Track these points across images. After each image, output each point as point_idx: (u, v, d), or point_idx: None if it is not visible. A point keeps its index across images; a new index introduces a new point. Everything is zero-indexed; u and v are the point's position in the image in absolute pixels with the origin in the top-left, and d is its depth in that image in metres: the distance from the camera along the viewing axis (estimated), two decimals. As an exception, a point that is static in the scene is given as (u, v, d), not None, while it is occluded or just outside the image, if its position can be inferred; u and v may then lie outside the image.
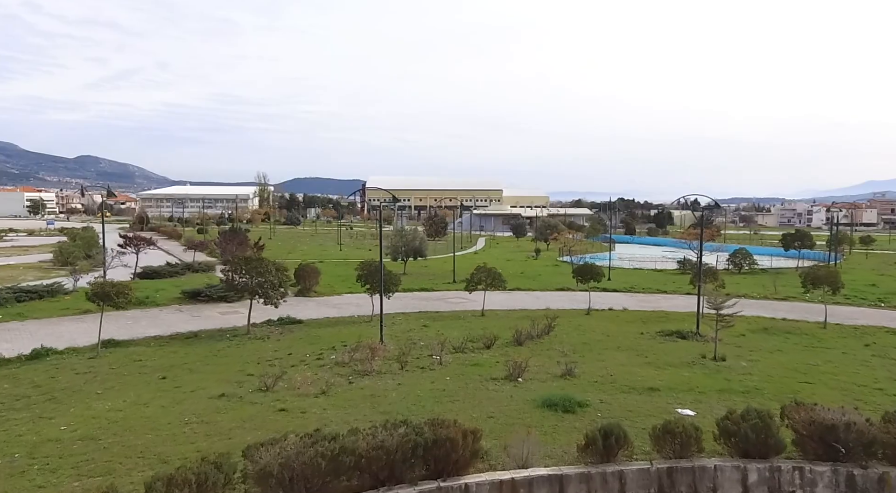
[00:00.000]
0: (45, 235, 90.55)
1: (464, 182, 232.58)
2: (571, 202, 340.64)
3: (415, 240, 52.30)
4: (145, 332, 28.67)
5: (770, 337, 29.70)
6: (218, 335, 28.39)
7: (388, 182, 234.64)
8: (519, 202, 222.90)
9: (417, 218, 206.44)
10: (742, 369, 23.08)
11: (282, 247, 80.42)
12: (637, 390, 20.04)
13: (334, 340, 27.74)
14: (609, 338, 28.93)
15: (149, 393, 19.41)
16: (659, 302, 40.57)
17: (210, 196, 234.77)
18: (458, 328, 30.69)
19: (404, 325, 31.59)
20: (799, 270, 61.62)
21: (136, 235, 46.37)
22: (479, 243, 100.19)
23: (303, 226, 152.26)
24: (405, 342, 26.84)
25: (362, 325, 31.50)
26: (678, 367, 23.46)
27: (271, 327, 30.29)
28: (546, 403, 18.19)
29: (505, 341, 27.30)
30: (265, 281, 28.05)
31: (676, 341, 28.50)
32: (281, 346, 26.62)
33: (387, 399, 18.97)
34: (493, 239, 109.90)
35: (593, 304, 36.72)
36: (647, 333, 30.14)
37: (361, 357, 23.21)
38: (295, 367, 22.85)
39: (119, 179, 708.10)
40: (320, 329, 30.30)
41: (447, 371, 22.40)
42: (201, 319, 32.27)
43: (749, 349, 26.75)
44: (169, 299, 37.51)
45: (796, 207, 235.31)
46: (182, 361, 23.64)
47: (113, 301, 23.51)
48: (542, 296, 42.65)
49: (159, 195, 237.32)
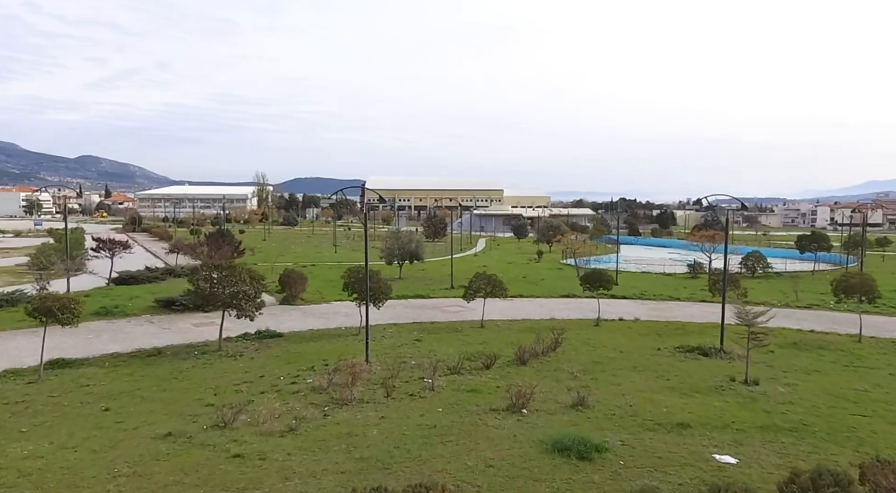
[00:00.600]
0: (32, 237, 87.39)
1: (464, 182, 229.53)
2: (572, 202, 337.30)
3: (410, 243, 49.15)
4: (104, 348, 25.53)
5: (802, 353, 26.52)
6: (185, 352, 25.24)
7: (388, 182, 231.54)
8: (520, 202, 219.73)
9: (417, 218, 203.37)
10: (780, 397, 19.90)
11: (274, 249, 77.23)
12: (664, 427, 16.87)
13: (315, 358, 24.60)
14: (623, 355, 25.76)
15: (83, 431, 16.25)
16: (673, 311, 37.39)
17: (208, 196, 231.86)
18: (454, 343, 27.56)
19: (395, 339, 28.44)
20: (815, 273, 58.61)
21: (111, 239, 43.23)
22: (479, 245, 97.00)
23: (300, 226, 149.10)
24: (394, 362, 23.70)
25: (349, 339, 28.36)
26: (706, 393, 20.28)
27: (247, 342, 27.16)
28: (556, 446, 15.02)
29: (506, 360, 24.15)
30: (238, 292, 24.91)
31: (699, 358, 25.32)
32: (254, 365, 23.47)
33: (366, 439, 15.81)
34: (493, 240, 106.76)
35: (602, 313, 33.55)
36: (664, 349, 26.97)
37: (341, 382, 20.09)
38: (264, 393, 19.70)
39: (120, 179, 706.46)
40: (301, 344, 27.14)
41: (440, 400, 19.25)
42: (171, 332, 29.12)
43: (782, 370, 23.57)
44: (141, 308, 34.35)
45: (800, 207, 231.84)
46: (135, 386, 20.48)
47: (56, 317, 20.37)
48: (546, 304, 39.47)
49: (157, 195, 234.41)
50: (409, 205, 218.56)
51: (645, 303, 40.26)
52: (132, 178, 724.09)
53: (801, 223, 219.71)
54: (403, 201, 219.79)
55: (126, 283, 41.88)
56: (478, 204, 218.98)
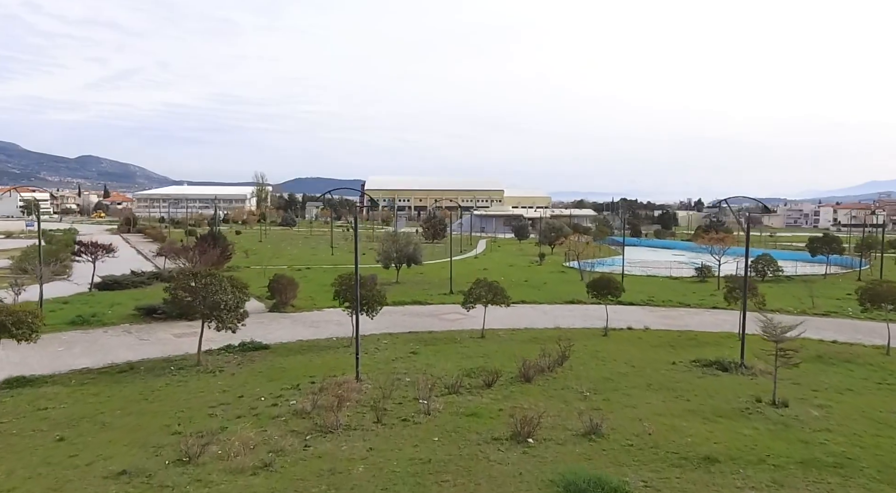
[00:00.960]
0: (24, 238, 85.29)
1: (465, 182, 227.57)
2: (573, 203, 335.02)
3: (408, 245, 47.11)
4: (73, 363, 23.49)
5: (829, 369, 24.46)
6: (160, 368, 23.19)
7: (388, 182, 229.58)
8: (520, 203, 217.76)
9: (417, 219, 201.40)
10: (815, 423, 17.86)
11: (269, 250, 75.26)
12: (690, 462, 14.80)
13: (301, 373, 22.56)
14: (635, 370, 23.71)
15: (27, 469, 14.19)
16: (683, 318, 35.33)
17: (207, 196, 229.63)
18: (452, 356, 25.53)
19: (389, 351, 26.39)
20: (827, 276, 56.55)
21: (94, 243, 41.16)
22: (479, 246, 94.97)
23: (298, 227, 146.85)
24: (387, 379, 21.66)
25: (340, 351, 26.31)
26: (732, 417, 18.23)
27: (229, 356, 25.12)
28: (569, 488, 12.98)
29: (509, 376, 22.10)
30: (219, 302, 22.87)
31: (718, 374, 23.26)
32: (234, 383, 21.41)
33: (350, 479, 13.76)
34: (494, 241, 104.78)
35: (610, 321, 31.47)
36: (679, 363, 24.91)
37: (327, 404, 18.08)
38: (241, 418, 17.66)
39: (120, 179, 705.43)
40: (288, 358, 25.10)
41: (436, 426, 17.21)
42: (149, 344, 27.07)
43: (811, 388, 21.52)
44: (121, 316, 32.30)
45: (802, 207, 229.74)
46: (99, 409, 18.44)
47: (9, 332, 18.34)
48: (550, 311, 37.41)
49: (155, 195, 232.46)
50: (409, 205, 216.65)
51: (654, 310, 38.20)
52: (133, 178, 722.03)
53: (804, 224, 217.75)
54: (403, 202, 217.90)
55: (109, 288, 39.87)
56: (478, 204, 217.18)
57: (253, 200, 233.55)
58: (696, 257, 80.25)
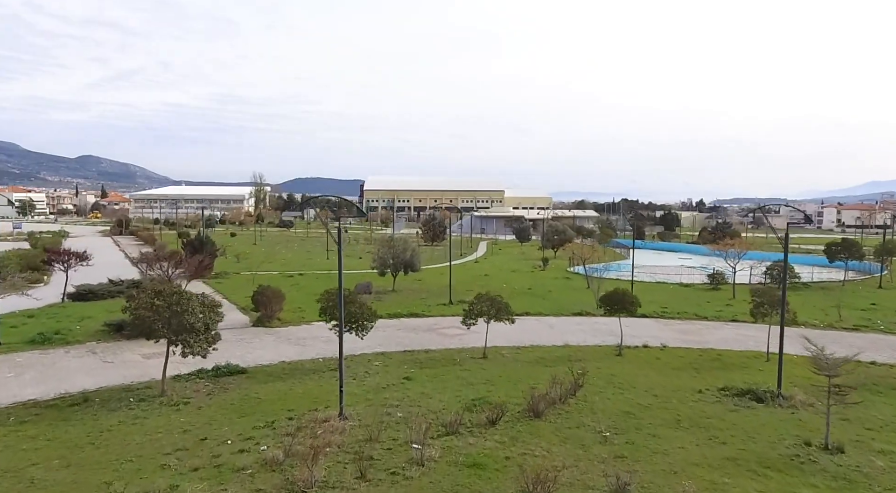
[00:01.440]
0: (11, 241, 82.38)
1: (465, 183, 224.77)
2: (574, 203, 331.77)
3: (405, 251, 44.22)
4: (20, 393, 20.60)
5: (877, 398, 21.55)
6: (118, 398, 20.31)
7: (387, 183, 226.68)
8: (521, 203, 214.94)
9: (417, 220, 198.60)
10: (884, 477, 14.97)
11: (263, 254, 72.42)
12: (745, 541, 11.95)
13: (279, 406, 19.69)
14: (659, 401, 20.81)
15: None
16: (703, 334, 32.43)
17: (205, 197, 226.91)
18: (451, 382, 22.65)
19: (381, 376, 23.50)
20: (845, 283, 53.61)
21: (65, 250, 38.31)
22: (479, 249, 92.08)
23: (295, 229, 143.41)
24: (375, 414, 18.80)
25: (325, 376, 23.42)
26: (783, 470, 15.30)
27: (199, 382, 22.24)
28: None
29: (516, 409, 19.21)
30: (185, 324, 20.01)
31: (753, 407, 20.35)
32: (199, 419, 18.52)
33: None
34: (495, 244, 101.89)
35: (623, 336, 28.58)
36: (707, 391, 22.00)
37: (304, 450, 15.22)
38: (198, 472, 14.75)
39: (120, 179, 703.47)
40: (266, 385, 22.22)
41: (430, 482, 14.29)
42: (113, 367, 24.20)
43: (864, 426, 18.61)
44: (88, 332, 29.40)
45: (806, 208, 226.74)
46: (30, 459, 15.52)
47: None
48: (557, 324, 34.51)
49: (153, 196, 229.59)
50: (409, 206, 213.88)
51: (669, 323, 35.29)
52: (133, 178, 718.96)
53: (807, 225, 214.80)
54: (403, 202, 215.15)
55: (84, 299, 36.98)
56: (478, 205, 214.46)
57: (251, 200, 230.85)
58: (703, 260, 77.45)
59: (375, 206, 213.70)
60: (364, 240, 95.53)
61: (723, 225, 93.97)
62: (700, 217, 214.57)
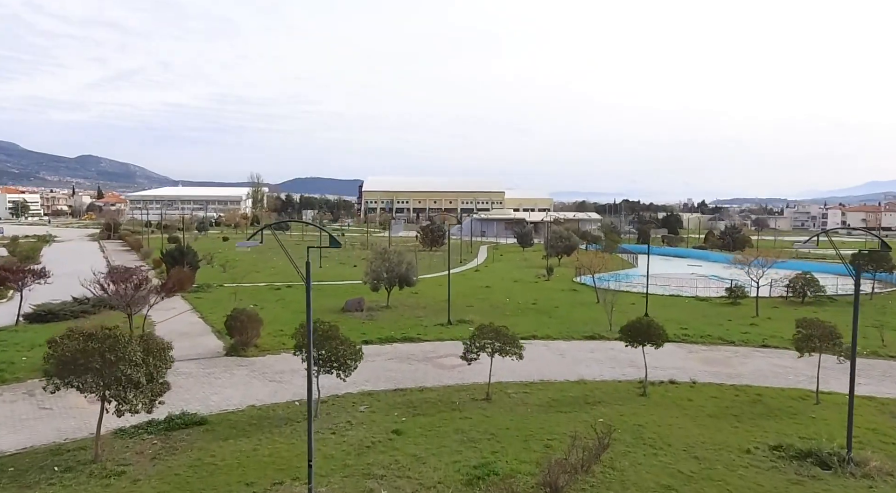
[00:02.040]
0: (-9, 246, 78.52)
1: (465, 184, 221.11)
2: (575, 204, 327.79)
3: (401, 264, 40.39)
4: (-80, 459, 16.81)
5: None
6: (42, 466, 16.45)
7: (386, 183, 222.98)
8: (522, 205, 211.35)
9: (416, 221, 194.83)
10: None
11: (252, 261, 68.67)
12: None
13: (236, 478, 15.86)
14: (702, 466, 16.98)
15: None
16: (732, 364, 28.61)
17: (202, 198, 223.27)
18: (448, 437, 18.80)
19: (365, 428, 19.63)
20: (873, 296, 49.77)
21: (18, 268, 34.44)
22: (480, 255, 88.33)
23: (290, 231, 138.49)
24: (356, 487, 15.02)
25: (300, 427, 19.54)
26: None
27: (145, 440, 18.37)
28: None
29: (529, 482, 15.42)
30: (120, 377, 16.20)
31: (818, 475, 16.48)
32: (132, 500, 14.73)
33: None
34: (495, 249, 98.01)
35: (645, 368, 24.76)
36: (757, 451, 18.15)
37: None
38: None
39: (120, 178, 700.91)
40: (227, 442, 18.36)
41: None
42: (49, 416, 20.34)
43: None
44: (34, 366, 25.38)
45: (810, 209, 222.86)
46: None
47: None
48: (568, 351, 30.66)
49: (149, 197, 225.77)
50: (408, 207, 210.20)
51: (693, 349, 31.42)
52: (132, 178, 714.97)
53: (811, 226, 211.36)
54: (402, 203, 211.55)
55: (43, 320, 33.13)
56: (478, 206, 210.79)
57: (248, 201, 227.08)
58: (713, 267, 73.63)
59: (374, 207, 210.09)
60: (360, 245, 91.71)
61: (732, 229, 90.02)
62: (703, 219, 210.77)
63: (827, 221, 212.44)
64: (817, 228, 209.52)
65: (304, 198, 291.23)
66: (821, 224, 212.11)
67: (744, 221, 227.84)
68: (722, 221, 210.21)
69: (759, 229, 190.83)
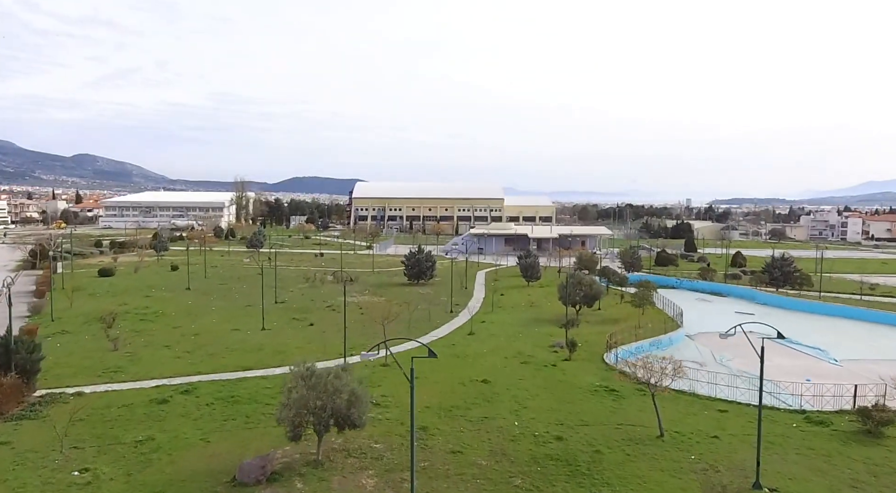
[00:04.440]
0: None
1: (462, 190, 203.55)
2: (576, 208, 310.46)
3: (338, 394, 23.24)
4: None
5: None
6: None
7: (379, 189, 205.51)
8: (522, 212, 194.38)
9: (410, 231, 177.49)
10: None
11: (187, 310, 52.01)
12: None
13: None
14: None
15: None
16: None
17: (182, 204, 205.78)
18: None
19: None
20: None
21: None
22: (477, 287, 71.38)
23: (269, 246, 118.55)
24: None
25: None
26: None
27: None
28: None
29: None
30: None
31: None
32: None
33: None
34: (495, 279, 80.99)
35: None
36: None
37: None
38: None
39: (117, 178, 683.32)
40: None
41: None
42: None
43: None
44: None
45: (828, 218, 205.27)
46: None
47: None
48: None
49: (125, 203, 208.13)
50: (401, 215, 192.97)
51: None
52: (129, 177, 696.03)
53: (830, 236, 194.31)
54: (395, 211, 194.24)
55: None
56: (476, 214, 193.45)
57: (232, 208, 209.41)
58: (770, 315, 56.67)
59: (365, 215, 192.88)
60: (332, 278, 74.46)
61: (782, 261, 72.70)
62: (715, 228, 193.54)
63: (847, 229, 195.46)
64: (836, 237, 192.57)
65: (293, 202, 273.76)
66: (840, 233, 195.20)
67: (758, 227, 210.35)
68: (735, 231, 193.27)
69: (778, 241, 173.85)
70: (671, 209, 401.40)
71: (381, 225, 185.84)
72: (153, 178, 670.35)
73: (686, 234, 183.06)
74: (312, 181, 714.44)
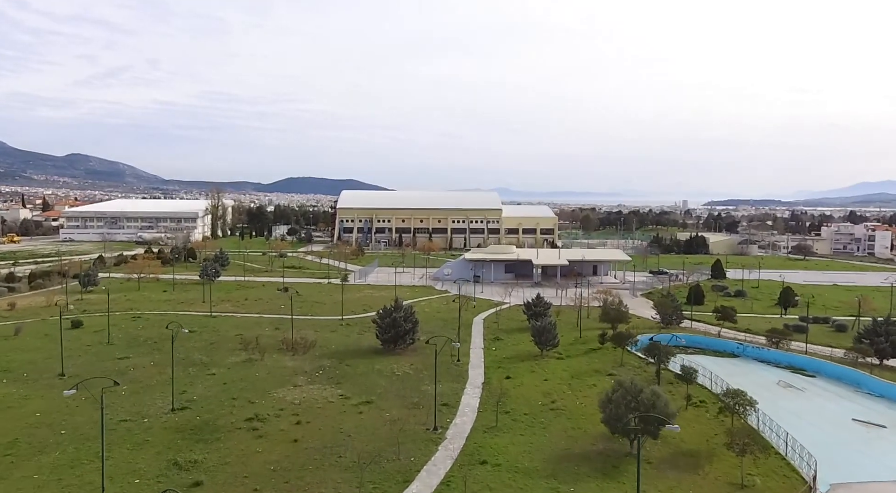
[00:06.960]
0: None
1: (457, 200, 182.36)
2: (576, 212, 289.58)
3: None
4: None
5: None
6: None
7: (365, 199, 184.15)
8: (521, 224, 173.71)
9: (399, 245, 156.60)
10: None
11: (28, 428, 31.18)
12: None
13: None
14: None
15: None
16: None
17: (150, 215, 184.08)
18: None
19: None
20: None
21: None
22: (472, 359, 50.71)
23: (231, 266, 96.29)
24: None
25: None
26: None
27: None
28: None
29: None
30: None
31: None
32: None
33: None
34: (497, 338, 60.39)
35: None
36: None
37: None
38: None
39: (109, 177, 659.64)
40: None
41: None
42: None
43: None
44: None
45: (854, 230, 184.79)
46: None
47: None
48: None
49: (88, 213, 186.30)
50: (390, 226, 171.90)
51: None
52: (122, 177, 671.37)
53: (856, 250, 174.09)
54: (383, 222, 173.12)
55: None
56: (472, 226, 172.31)
57: (207, 218, 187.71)
58: None
59: (350, 227, 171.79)
60: (282, 344, 53.73)
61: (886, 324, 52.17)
62: (732, 242, 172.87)
63: (875, 243, 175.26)
64: (863, 251, 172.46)
65: (279, 209, 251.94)
66: (867, 247, 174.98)
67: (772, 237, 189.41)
68: (754, 245, 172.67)
69: (803, 258, 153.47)
70: (671, 212, 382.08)
71: (367, 239, 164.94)
72: (146, 178, 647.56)
73: (702, 249, 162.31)
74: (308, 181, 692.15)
